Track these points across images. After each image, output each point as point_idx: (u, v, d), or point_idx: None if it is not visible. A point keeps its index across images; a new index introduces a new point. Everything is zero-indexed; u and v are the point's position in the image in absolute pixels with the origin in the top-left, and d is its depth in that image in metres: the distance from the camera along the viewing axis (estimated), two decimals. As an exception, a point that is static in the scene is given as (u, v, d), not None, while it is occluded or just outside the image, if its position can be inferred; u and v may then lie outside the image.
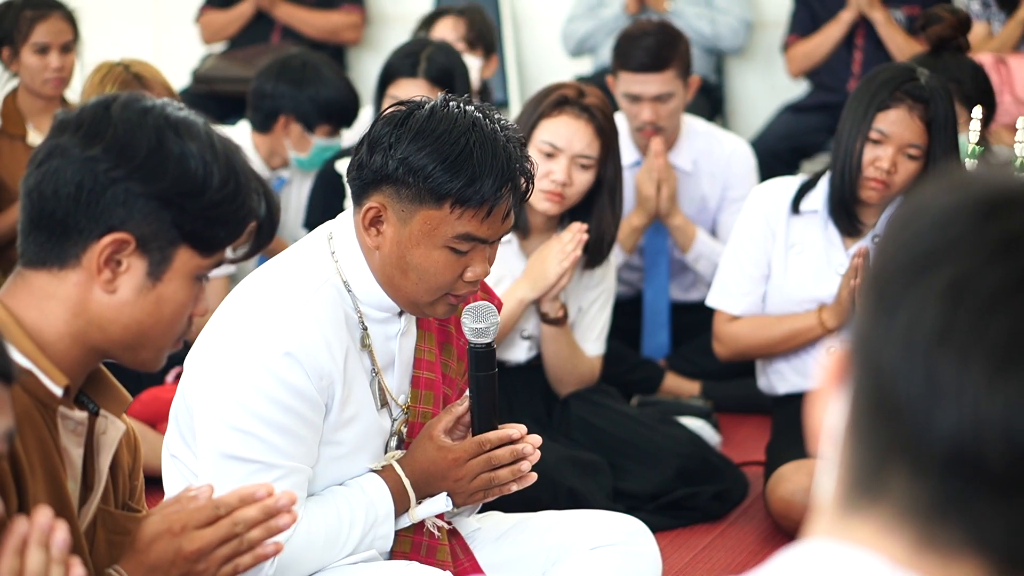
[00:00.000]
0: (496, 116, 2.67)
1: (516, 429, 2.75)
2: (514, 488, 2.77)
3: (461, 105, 2.64)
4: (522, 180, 2.66)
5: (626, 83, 4.95)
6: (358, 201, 2.67)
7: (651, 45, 4.92)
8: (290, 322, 2.60)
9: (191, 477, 2.67)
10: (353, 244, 2.70)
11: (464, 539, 2.88)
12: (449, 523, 2.82)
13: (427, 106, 2.63)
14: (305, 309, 2.62)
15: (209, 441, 2.59)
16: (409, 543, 2.78)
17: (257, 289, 2.66)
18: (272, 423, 2.57)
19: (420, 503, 2.74)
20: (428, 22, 5.68)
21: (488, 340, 2.74)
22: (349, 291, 2.69)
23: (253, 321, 2.60)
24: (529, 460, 2.75)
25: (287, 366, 2.57)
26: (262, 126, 5.05)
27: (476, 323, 2.73)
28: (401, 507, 2.74)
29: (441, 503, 2.74)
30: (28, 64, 5.09)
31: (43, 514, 1.76)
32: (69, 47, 5.11)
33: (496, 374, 2.75)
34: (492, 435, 2.73)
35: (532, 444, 2.75)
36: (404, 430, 2.78)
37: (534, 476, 2.78)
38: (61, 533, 1.75)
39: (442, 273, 2.63)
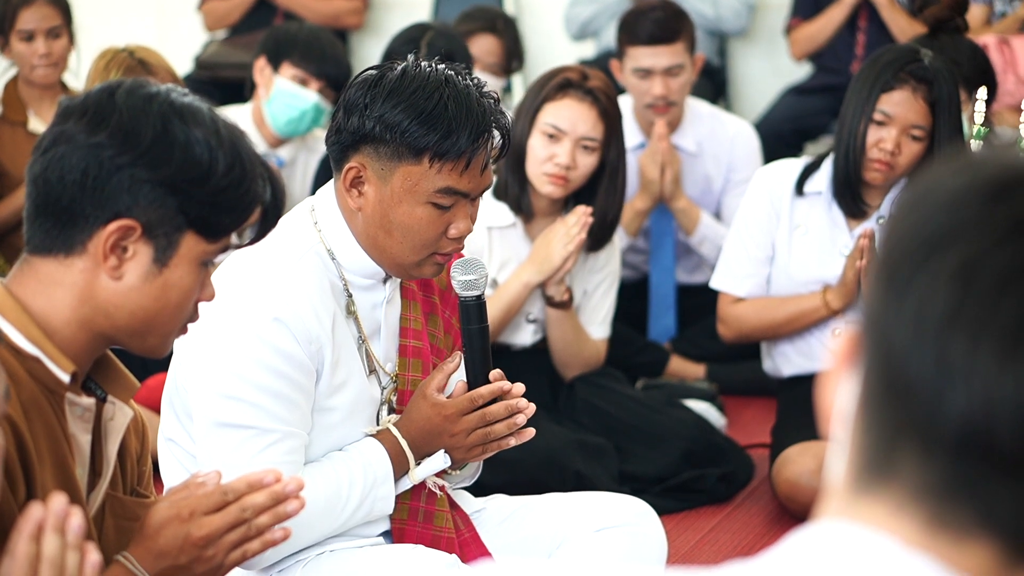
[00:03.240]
0: (468, 75, 2.70)
1: (507, 383, 2.76)
2: (512, 443, 2.78)
3: (433, 64, 2.67)
4: (497, 133, 2.68)
5: (636, 58, 4.95)
6: (338, 165, 2.69)
7: (660, 18, 4.96)
8: (276, 289, 2.61)
9: (187, 460, 2.68)
10: (335, 212, 2.71)
11: (465, 512, 2.88)
12: (442, 487, 2.82)
13: (399, 67, 2.66)
14: (290, 276, 2.64)
15: (203, 413, 2.61)
16: (407, 510, 2.78)
17: (241, 262, 2.67)
18: (264, 388, 2.58)
19: (419, 464, 2.75)
20: (467, 30, 5.58)
21: (478, 292, 2.76)
22: (333, 259, 2.71)
23: (239, 290, 2.61)
24: (524, 414, 2.76)
25: (276, 331, 2.58)
26: (251, 87, 5.06)
27: (465, 275, 2.76)
28: (400, 470, 2.74)
29: (440, 461, 2.74)
30: (17, 51, 5.08)
31: (58, 500, 1.76)
32: (57, 32, 5.09)
33: (488, 327, 2.77)
34: (483, 390, 2.74)
35: (525, 414, 2.77)
36: (394, 398, 2.79)
37: (531, 431, 2.79)
38: (77, 519, 1.75)
39: (426, 229, 2.65)
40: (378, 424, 2.77)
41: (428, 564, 2.65)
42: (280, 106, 4.95)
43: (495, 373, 2.76)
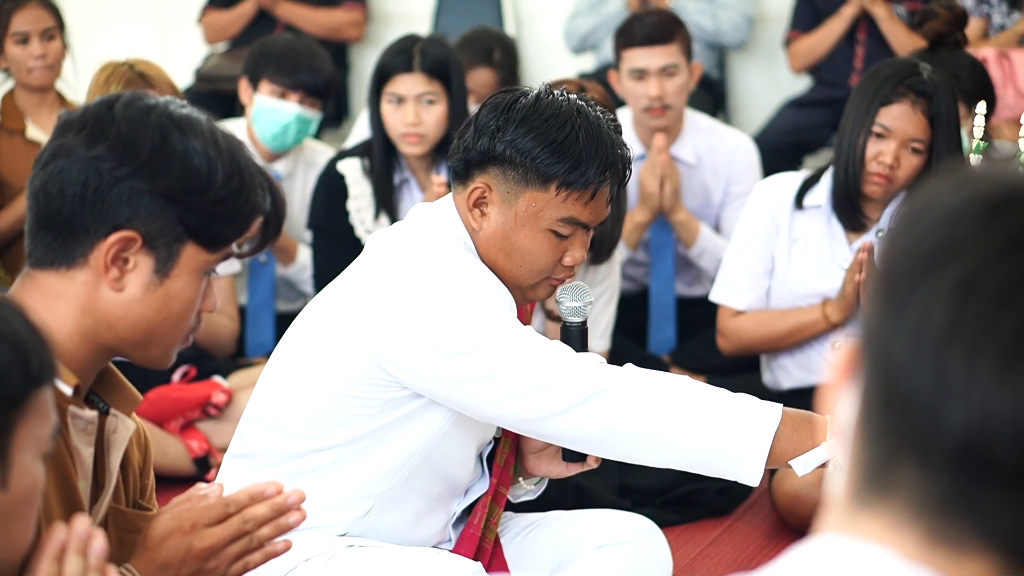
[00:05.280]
0: (596, 105, 2.74)
1: None
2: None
3: (565, 94, 2.73)
4: (622, 166, 2.73)
5: (631, 59, 4.98)
6: (463, 182, 2.73)
7: (655, 21, 5.02)
8: (464, 266, 2.66)
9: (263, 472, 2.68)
10: (462, 227, 2.74)
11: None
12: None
13: (531, 94, 2.72)
14: (470, 263, 2.68)
15: (458, 379, 2.58)
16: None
17: (403, 257, 2.67)
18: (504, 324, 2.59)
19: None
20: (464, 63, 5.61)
21: (583, 319, 2.81)
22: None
23: (426, 276, 2.62)
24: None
25: (480, 286, 2.62)
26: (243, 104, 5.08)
27: (573, 301, 2.81)
28: (807, 443, 2.54)
29: (820, 455, 2.55)
30: (12, 56, 5.08)
31: (81, 522, 1.76)
32: (51, 34, 5.09)
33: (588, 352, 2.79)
34: None
35: None
36: None
37: None
38: (99, 541, 1.76)
39: (544, 256, 2.70)
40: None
41: (453, 569, 2.65)
42: (264, 123, 4.96)
43: None
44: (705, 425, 2.54)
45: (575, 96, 2.73)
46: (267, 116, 4.94)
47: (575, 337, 2.79)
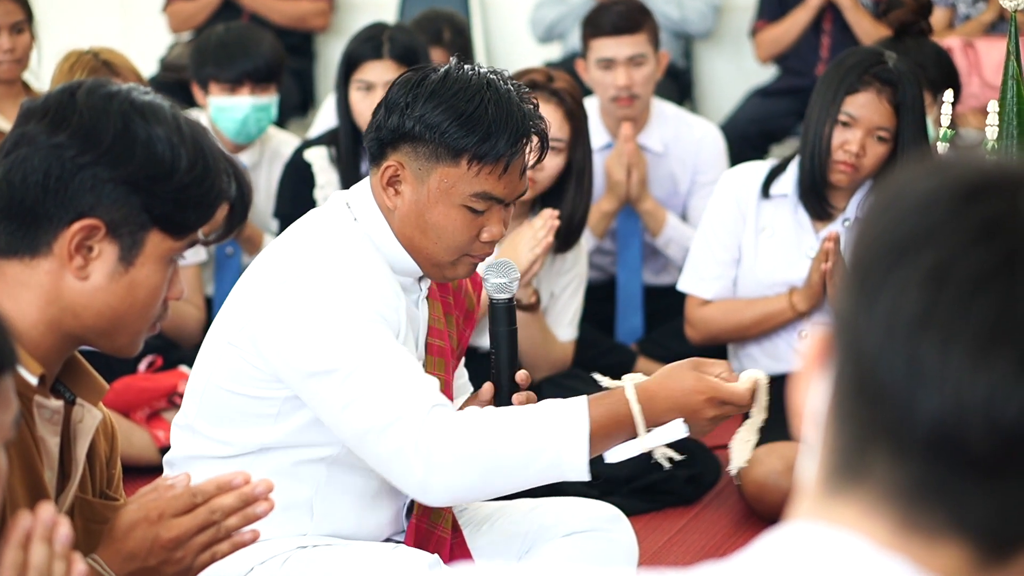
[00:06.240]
0: (509, 78, 2.71)
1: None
2: None
3: (475, 68, 2.68)
4: (536, 138, 2.68)
5: (599, 49, 4.98)
6: (376, 162, 2.69)
7: (622, 11, 5.03)
8: (344, 262, 2.61)
9: (210, 446, 2.67)
10: (374, 209, 2.71)
11: (456, 517, 2.88)
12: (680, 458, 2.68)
13: (441, 69, 2.67)
14: (352, 252, 2.64)
15: (309, 370, 2.55)
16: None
17: (297, 249, 2.65)
18: (364, 321, 2.55)
19: (650, 431, 2.57)
20: None
21: (510, 295, 2.77)
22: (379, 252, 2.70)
23: (306, 271, 2.59)
24: None
25: (354, 292, 2.57)
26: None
27: (499, 278, 2.77)
28: (621, 432, 2.55)
29: (677, 430, 2.57)
30: None
31: (46, 510, 1.75)
32: (20, 27, 5.06)
33: (516, 330, 2.78)
34: (736, 387, 2.60)
35: None
36: None
37: None
38: (64, 529, 1.75)
39: (460, 232, 2.66)
40: None
41: (409, 563, 2.64)
42: (223, 121, 4.97)
43: (521, 375, 2.75)
44: (518, 435, 2.50)
45: (486, 69, 2.68)
46: (224, 115, 4.95)
47: (501, 315, 2.76)
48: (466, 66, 2.68)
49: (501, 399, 2.76)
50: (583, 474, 2.53)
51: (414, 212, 2.66)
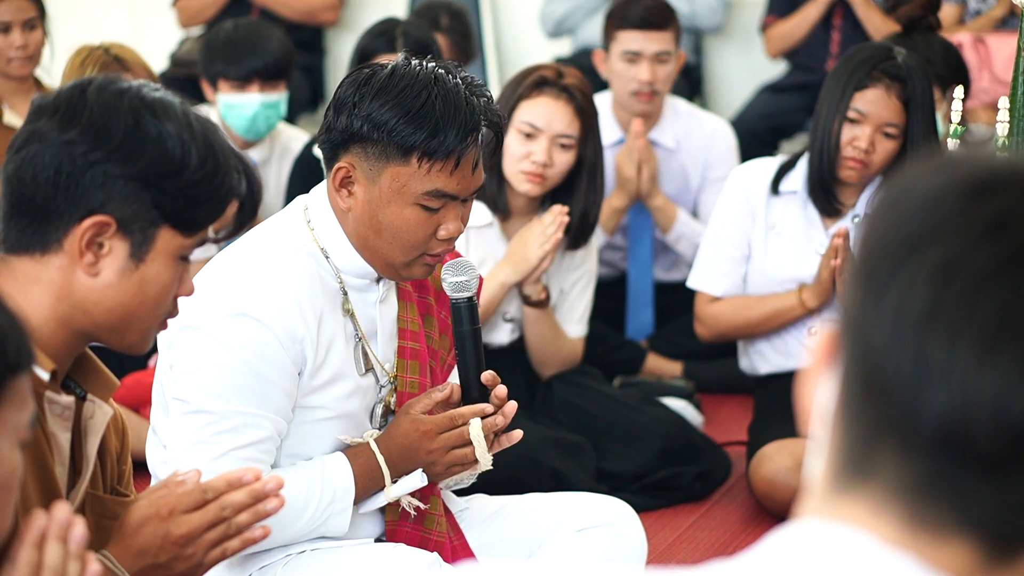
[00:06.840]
0: (460, 72, 2.67)
1: (490, 405, 2.74)
2: (503, 444, 2.75)
3: (423, 63, 2.64)
4: (487, 130, 2.65)
5: (626, 41, 4.97)
6: (328, 164, 2.67)
7: (652, 5, 5.02)
8: (258, 286, 2.59)
9: (161, 449, 2.67)
10: (328, 212, 2.69)
11: (454, 516, 2.88)
12: (418, 507, 2.78)
13: (389, 66, 2.64)
14: (276, 274, 2.62)
15: (175, 401, 2.59)
16: (398, 511, 2.77)
17: (230, 257, 2.66)
18: (230, 380, 2.55)
19: (395, 482, 2.70)
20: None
21: (470, 294, 2.74)
22: (327, 258, 2.68)
23: (220, 285, 2.59)
24: (505, 415, 2.73)
25: (247, 327, 2.56)
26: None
27: (456, 276, 2.74)
28: (376, 485, 2.71)
29: (416, 480, 2.70)
30: None
31: (62, 509, 1.76)
32: (33, 24, 5.07)
33: (479, 329, 2.75)
34: (464, 410, 2.71)
35: (505, 416, 2.73)
36: (392, 400, 2.77)
37: (518, 434, 2.76)
38: (79, 528, 1.75)
39: (414, 231, 2.63)
40: (372, 423, 2.76)
41: (409, 562, 2.64)
42: (232, 118, 4.98)
43: (487, 375, 2.74)
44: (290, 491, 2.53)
45: (434, 64, 2.64)
46: (233, 112, 4.96)
47: (464, 315, 2.73)
48: (414, 62, 2.64)
49: (469, 399, 2.75)
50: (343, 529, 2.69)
51: (367, 213, 2.63)
